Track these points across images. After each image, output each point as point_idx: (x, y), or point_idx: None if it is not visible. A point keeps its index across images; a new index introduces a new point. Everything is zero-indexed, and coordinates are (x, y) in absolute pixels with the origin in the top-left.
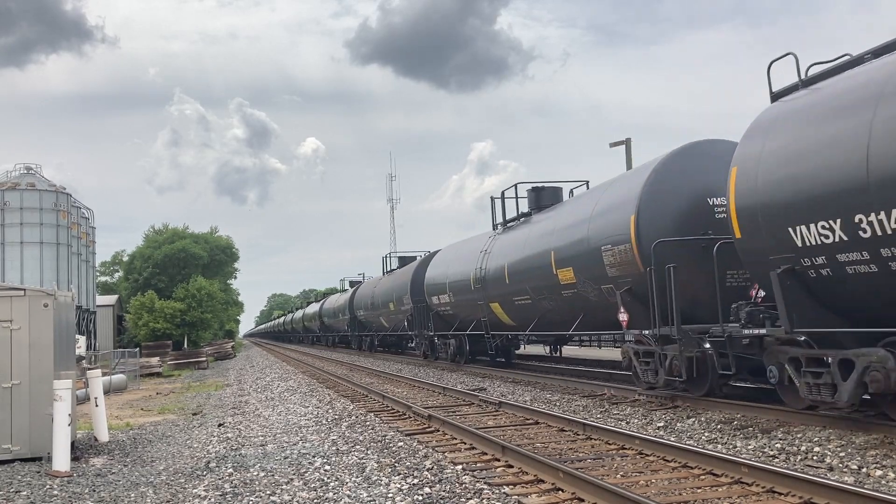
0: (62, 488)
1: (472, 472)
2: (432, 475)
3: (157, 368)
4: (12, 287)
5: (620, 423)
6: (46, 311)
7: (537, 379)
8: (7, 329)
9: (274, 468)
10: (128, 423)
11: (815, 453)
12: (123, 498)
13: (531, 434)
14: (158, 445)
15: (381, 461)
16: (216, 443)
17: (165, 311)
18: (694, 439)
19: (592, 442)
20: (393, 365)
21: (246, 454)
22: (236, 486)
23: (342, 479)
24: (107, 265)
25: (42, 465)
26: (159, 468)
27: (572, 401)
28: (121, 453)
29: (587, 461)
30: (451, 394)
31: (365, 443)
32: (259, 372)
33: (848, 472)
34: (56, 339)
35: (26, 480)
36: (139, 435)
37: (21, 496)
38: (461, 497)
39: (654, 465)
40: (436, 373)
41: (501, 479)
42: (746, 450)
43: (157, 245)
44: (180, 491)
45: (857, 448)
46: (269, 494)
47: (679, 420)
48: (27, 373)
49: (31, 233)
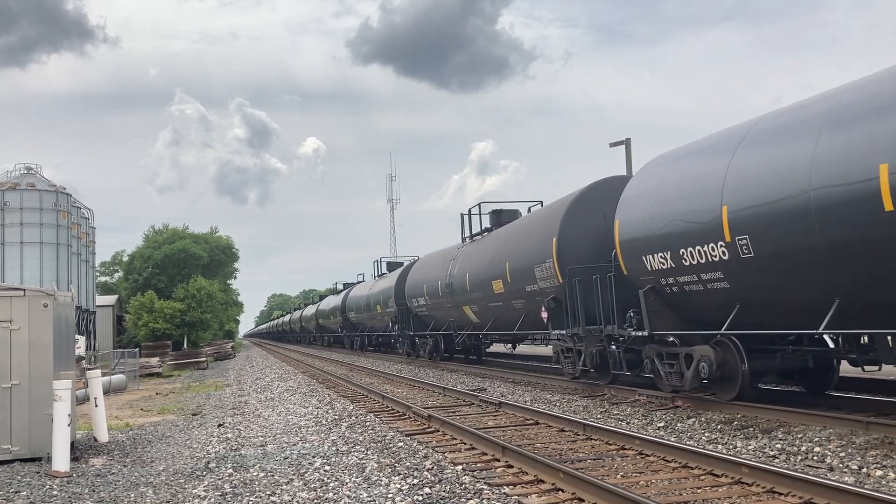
0: (62, 488)
1: (472, 472)
2: (432, 475)
3: (157, 369)
4: (12, 287)
5: (620, 423)
6: (46, 311)
7: (537, 379)
8: (7, 329)
9: (274, 468)
10: (127, 424)
11: (816, 453)
12: (123, 498)
13: (531, 434)
14: (158, 446)
15: (381, 461)
16: (216, 443)
17: (165, 311)
18: (694, 439)
19: (592, 442)
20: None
21: (246, 454)
22: (236, 487)
23: (342, 480)
24: (107, 265)
25: (42, 466)
26: (159, 468)
27: (572, 401)
28: (120, 453)
29: (587, 461)
30: (451, 394)
31: (365, 443)
32: (259, 372)
33: (848, 472)
34: (56, 339)
35: (26, 481)
36: (139, 435)
37: (21, 496)
38: (461, 497)
39: (655, 466)
40: (436, 373)
41: (501, 480)
42: (747, 450)
43: (156, 245)
44: (180, 491)
45: (858, 448)
46: (268, 495)
47: (679, 420)
48: (27, 373)
49: (30, 233)
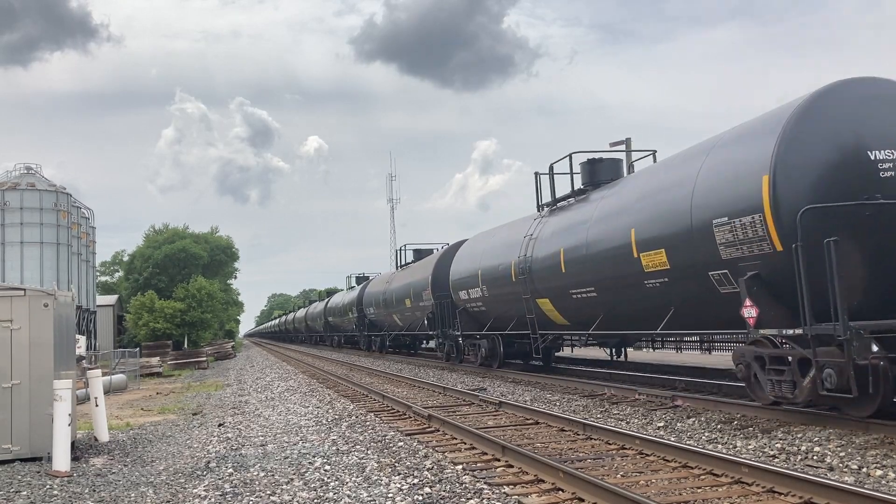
0: (62, 488)
1: (472, 472)
2: (432, 475)
3: (157, 368)
4: (12, 287)
5: (620, 423)
6: (46, 311)
7: (537, 379)
8: (7, 329)
9: (274, 468)
10: (128, 423)
11: (816, 453)
12: (123, 498)
13: (531, 434)
14: (158, 445)
15: (382, 461)
16: (216, 443)
17: (165, 311)
18: (694, 439)
19: (592, 442)
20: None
21: (246, 454)
22: (236, 486)
23: (342, 479)
24: (107, 265)
25: (42, 465)
26: (159, 468)
27: (572, 401)
28: (121, 453)
29: (587, 461)
30: (451, 394)
31: (365, 443)
32: (259, 372)
33: (848, 472)
34: (56, 339)
35: (26, 480)
36: (139, 435)
37: (21, 496)
38: (461, 497)
39: (655, 465)
40: (436, 373)
41: (501, 479)
42: (746, 450)
43: (157, 245)
44: (180, 491)
45: (857, 448)
46: (269, 494)
47: (679, 420)
48: (27, 373)
49: (31, 233)
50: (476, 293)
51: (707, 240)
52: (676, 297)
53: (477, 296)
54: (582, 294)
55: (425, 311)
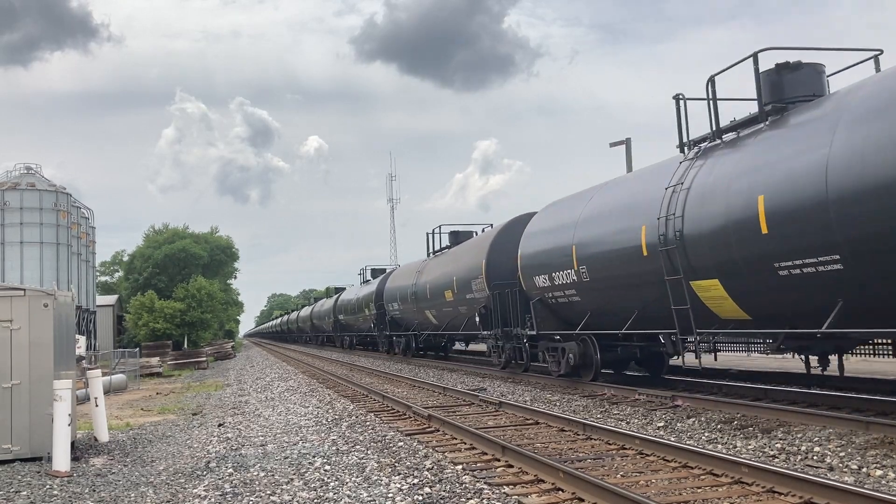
0: (62, 488)
1: (472, 472)
2: (432, 475)
3: (157, 368)
4: (12, 287)
5: (620, 423)
6: (46, 311)
7: (537, 379)
8: (7, 329)
9: (274, 468)
10: (128, 423)
11: (815, 453)
12: (123, 498)
13: (531, 434)
14: (158, 445)
15: (382, 461)
16: (216, 443)
17: (165, 311)
18: (694, 439)
19: (592, 442)
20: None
21: (246, 454)
22: (236, 486)
23: (342, 479)
24: (107, 265)
25: (42, 465)
26: (159, 468)
27: (572, 401)
28: (121, 453)
29: (587, 461)
30: (451, 394)
31: (365, 443)
32: (259, 372)
33: (848, 472)
34: (56, 339)
35: (26, 480)
36: (139, 435)
37: (21, 496)
38: (461, 497)
39: (654, 465)
40: (436, 372)
41: (501, 479)
42: (746, 450)
43: (157, 245)
44: (180, 491)
45: (857, 448)
46: (269, 494)
47: (679, 420)
48: (27, 373)
49: (31, 233)
50: (396, 305)
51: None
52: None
53: (567, 281)
54: (806, 268)
55: (475, 305)
